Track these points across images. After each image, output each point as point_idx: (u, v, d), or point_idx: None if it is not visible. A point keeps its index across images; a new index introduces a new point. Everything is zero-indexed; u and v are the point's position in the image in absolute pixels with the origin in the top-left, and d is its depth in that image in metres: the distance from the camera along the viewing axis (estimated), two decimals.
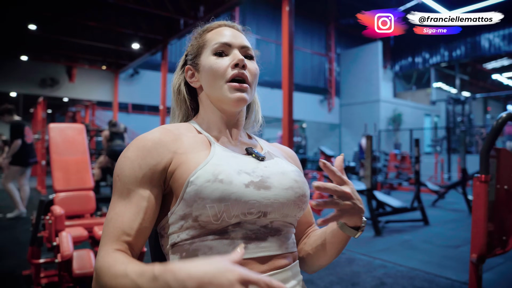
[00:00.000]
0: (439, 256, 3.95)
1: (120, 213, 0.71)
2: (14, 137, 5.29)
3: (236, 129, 0.87)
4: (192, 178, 0.70)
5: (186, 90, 0.90)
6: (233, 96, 0.80)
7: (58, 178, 2.91)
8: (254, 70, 0.84)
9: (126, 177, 0.73)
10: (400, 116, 16.76)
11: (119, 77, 13.04)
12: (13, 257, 3.63)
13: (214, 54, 0.83)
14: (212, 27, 0.88)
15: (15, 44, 10.79)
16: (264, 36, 15.98)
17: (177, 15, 8.54)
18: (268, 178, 0.77)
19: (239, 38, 0.86)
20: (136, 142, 0.76)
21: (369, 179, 4.97)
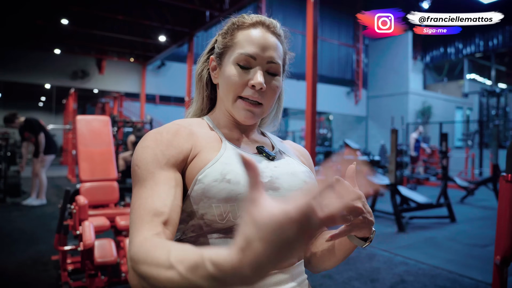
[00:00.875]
0: (464, 255, 3.84)
1: (148, 196, 0.66)
2: (36, 132, 5.58)
3: (248, 130, 0.86)
4: (200, 176, 0.70)
5: (207, 79, 0.88)
6: (241, 114, 0.79)
7: (84, 169, 3.01)
8: (274, 90, 0.81)
9: (149, 163, 0.70)
10: (430, 108, 16.24)
11: (147, 69, 13.28)
12: (44, 243, 3.82)
13: (236, 64, 0.78)
14: (246, 24, 0.81)
15: (49, 38, 11.18)
16: (290, 27, 15.72)
17: (203, 8, 8.58)
18: (277, 179, 0.76)
19: (268, 49, 0.79)
20: (153, 134, 0.75)
21: (393, 174, 4.87)
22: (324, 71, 16.66)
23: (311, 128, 5.21)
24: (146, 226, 0.62)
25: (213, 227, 0.71)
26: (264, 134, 0.93)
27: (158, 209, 0.64)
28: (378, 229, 4.86)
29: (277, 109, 0.94)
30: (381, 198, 7.10)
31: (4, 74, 11.57)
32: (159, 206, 0.65)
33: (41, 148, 5.64)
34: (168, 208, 0.65)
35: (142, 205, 0.65)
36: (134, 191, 0.70)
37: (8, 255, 3.45)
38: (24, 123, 5.67)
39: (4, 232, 4.28)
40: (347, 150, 9.50)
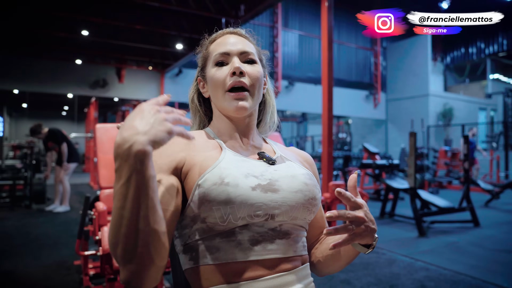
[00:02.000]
0: (488, 260, 3.73)
1: None
2: (59, 142, 5.79)
3: (247, 133, 0.89)
4: (200, 181, 0.73)
5: (200, 100, 0.94)
6: (232, 105, 0.82)
7: (103, 176, 3.09)
8: (255, 73, 0.85)
9: None
10: (451, 110, 15.88)
11: (165, 76, 13.52)
12: (68, 248, 3.92)
13: (215, 65, 0.86)
14: (216, 37, 0.91)
15: (71, 49, 11.54)
16: (307, 32, 15.81)
17: (219, 15, 8.68)
18: (276, 181, 0.78)
19: (238, 44, 0.86)
20: None
21: (412, 178, 4.78)
22: (342, 75, 16.56)
23: (327, 132, 5.18)
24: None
25: (216, 230, 0.74)
26: (266, 142, 0.95)
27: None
28: (398, 234, 4.79)
29: (271, 109, 0.96)
30: (401, 202, 6.97)
31: (29, 85, 12.00)
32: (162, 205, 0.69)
33: (64, 157, 5.82)
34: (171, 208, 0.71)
35: None
36: None
37: (34, 259, 3.57)
38: (47, 133, 5.87)
39: (31, 237, 4.42)
40: (366, 154, 9.38)
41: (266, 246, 0.75)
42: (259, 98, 0.87)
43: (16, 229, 4.85)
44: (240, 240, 0.74)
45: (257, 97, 0.86)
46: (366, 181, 10.48)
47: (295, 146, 20.14)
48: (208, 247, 0.74)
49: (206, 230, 0.74)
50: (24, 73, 11.58)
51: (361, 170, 8.63)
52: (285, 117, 21.41)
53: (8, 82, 11.74)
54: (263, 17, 14.34)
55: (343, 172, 9.62)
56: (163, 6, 8.34)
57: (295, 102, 15.10)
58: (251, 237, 0.74)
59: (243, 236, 0.74)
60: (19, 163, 6.95)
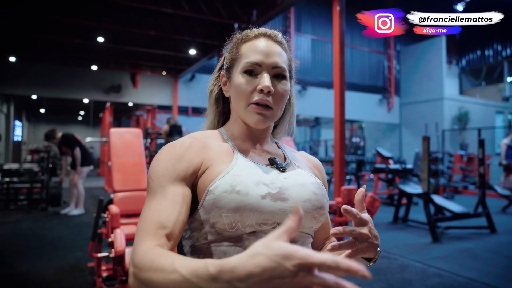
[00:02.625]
0: (504, 267, 3.65)
1: (156, 208, 0.71)
2: (72, 147, 5.93)
3: (261, 139, 0.89)
4: (212, 187, 0.74)
5: (218, 95, 0.93)
6: (253, 118, 0.82)
7: (117, 179, 3.15)
8: (282, 92, 0.84)
9: (160, 176, 0.75)
10: (467, 114, 15.60)
11: (178, 81, 13.66)
12: (82, 250, 3.99)
13: (244, 72, 0.83)
14: (249, 37, 0.86)
15: (87, 55, 11.79)
16: (320, 36, 15.79)
17: (231, 20, 8.76)
18: (286, 190, 0.79)
19: (272, 56, 0.83)
20: (168, 147, 0.81)
21: (425, 182, 4.72)
22: (355, 79, 16.46)
23: (339, 136, 5.17)
24: (150, 237, 0.67)
25: (224, 236, 0.75)
26: (278, 146, 0.95)
27: (162, 223, 0.69)
28: (411, 239, 4.73)
29: (290, 116, 0.97)
30: (415, 208, 6.88)
31: (47, 91, 12.29)
32: (164, 221, 0.69)
33: (77, 161, 5.95)
34: (172, 223, 0.70)
35: (149, 216, 0.71)
36: (146, 200, 0.76)
37: (49, 261, 3.64)
38: (61, 138, 6.01)
39: (46, 239, 4.51)
40: (379, 158, 9.30)
41: None
42: (280, 114, 0.87)
43: (32, 231, 4.96)
44: (247, 246, 0.74)
45: (279, 114, 0.86)
46: (380, 186, 10.37)
47: (308, 150, 20.00)
48: (215, 251, 0.76)
49: (215, 234, 0.75)
50: (42, 79, 11.88)
51: (374, 174, 8.55)
52: (298, 121, 21.26)
53: (27, 88, 12.06)
54: (276, 22, 14.37)
55: (356, 177, 9.54)
56: (176, 12, 8.47)
57: (308, 106, 15.07)
58: None
59: (250, 242, 0.74)
60: (37, 166, 7.11)
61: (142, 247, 0.66)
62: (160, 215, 0.70)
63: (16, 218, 5.84)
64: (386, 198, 8.22)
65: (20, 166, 7.05)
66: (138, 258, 0.64)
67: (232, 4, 8.60)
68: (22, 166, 7.08)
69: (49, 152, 7.34)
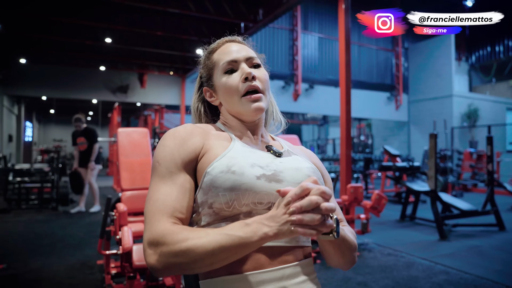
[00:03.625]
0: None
1: (167, 193, 0.76)
2: (94, 141, 6.02)
3: (257, 131, 0.94)
4: (209, 169, 0.79)
5: (205, 108, 1.00)
6: (250, 108, 0.87)
7: (125, 178, 3.20)
8: (263, 76, 0.91)
9: (167, 161, 0.80)
10: (476, 111, 15.41)
11: (186, 81, 13.74)
12: (91, 248, 4.06)
13: (224, 73, 0.90)
14: (216, 47, 0.95)
15: (95, 56, 11.92)
16: (326, 34, 15.73)
17: (238, 20, 8.78)
18: (281, 172, 0.82)
19: (243, 51, 0.92)
20: (171, 132, 0.86)
21: (432, 180, 4.70)
22: (363, 77, 16.37)
23: (346, 134, 5.16)
24: (168, 219, 0.73)
25: (221, 215, 0.78)
26: (274, 139, 1.00)
27: (177, 208, 0.75)
28: (418, 237, 4.71)
29: (273, 107, 1.02)
30: (423, 205, 6.84)
31: (56, 91, 12.46)
32: (179, 207, 0.76)
33: (93, 156, 6.05)
34: (185, 209, 0.77)
35: (162, 200, 0.76)
36: (153, 183, 0.80)
37: (59, 258, 3.71)
38: (85, 129, 6.09)
39: (57, 238, 4.60)
40: (387, 156, 9.25)
41: None
42: (269, 99, 0.94)
43: (43, 229, 5.05)
44: None
45: (268, 97, 0.93)
46: (388, 184, 10.33)
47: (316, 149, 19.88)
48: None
49: (213, 215, 0.79)
50: (52, 81, 12.04)
51: (382, 172, 8.51)
52: (306, 120, 21.32)
53: (37, 89, 12.23)
54: (282, 20, 14.37)
55: (364, 175, 9.52)
56: (183, 12, 8.52)
57: (315, 104, 15.04)
58: None
59: None
60: (47, 166, 7.23)
61: (161, 226, 0.71)
62: (173, 200, 0.76)
63: (28, 217, 5.94)
64: (393, 196, 8.18)
65: (31, 166, 7.18)
66: (162, 235, 0.70)
67: (238, 3, 8.62)
68: (33, 166, 7.20)
69: (59, 152, 7.46)
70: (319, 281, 0.86)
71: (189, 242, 0.67)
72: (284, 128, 1.04)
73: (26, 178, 6.67)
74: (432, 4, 15.00)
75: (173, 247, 0.67)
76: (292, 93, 14.32)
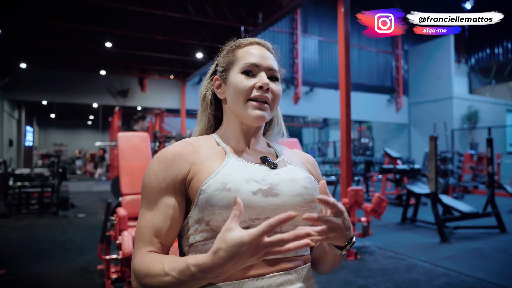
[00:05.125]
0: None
1: (150, 220, 0.80)
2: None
3: (254, 138, 0.93)
4: (204, 187, 0.78)
5: (211, 98, 0.97)
6: (253, 113, 0.86)
7: (125, 182, 3.20)
8: (277, 92, 0.89)
9: (153, 188, 0.82)
10: (477, 113, 15.41)
11: (186, 85, 13.76)
12: (91, 253, 4.06)
13: (242, 73, 0.88)
14: (244, 44, 0.93)
15: (95, 60, 11.96)
16: (326, 37, 15.77)
17: (237, 23, 8.81)
18: (277, 186, 0.82)
19: (267, 59, 0.90)
20: (159, 155, 0.86)
21: (433, 182, 4.70)
22: (363, 79, 16.39)
23: (346, 137, 5.16)
24: (146, 245, 0.79)
25: (218, 232, 0.78)
26: (269, 145, 0.99)
27: (156, 234, 0.80)
28: (418, 240, 4.70)
29: (278, 118, 1.01)
30: (424, 208, 6.83)
31: (57, 96, 12.49)
32: (157, 233, 0.80)
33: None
34: (163, 235, 0.81)
35: (145, 227, 0.81)
36: (141, 209, 0.84)
37: (59, 263, 3.71)
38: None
39: (57, 242, 4.60)
40: (387, 159, 9.25)
41: None
42: (274, 112, 0.92)
43: (43, 234, 5.05)
44: None
45: (274, 112, 0.91)
46: (389, 187, 10.32)
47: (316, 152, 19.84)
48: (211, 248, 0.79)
49: (210, 232, 0.79)
50: (52, 85, 12.08)
51: (382, 175, 8.51)
52: (306, 123, 21.33)
53: (37, 93, 12.27)
54: (282, 24, 14.40)
55: (365, 178, 9.51)
56: (183, 16, 8.56)
57: (316, 107, 15.04)
58: None
59: None
60: (47, 171, 7.23)
61: (137, 255, 0.78)
62: (153, 227, 0.80)
63: (28, 222, 5.94)
64: (394, 198, 8.17)
65: (32, 171, 7.18)
66: (135, 267, 0.77)
67: (238, 7, 8.65)
68: (33, 171, 7.21)
69: (59, 157, 7.46)
70: (320, 285, 0.87)
71: (151, 280, 0.72)
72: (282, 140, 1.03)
73: (27, 182, 6.67)
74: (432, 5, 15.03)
75: (142, 281, 0.74)
76: (292, 96, 14.33)
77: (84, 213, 6.67)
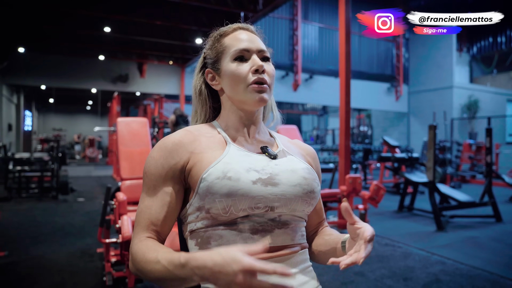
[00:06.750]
0: (509, 256, 3.67)
1: (148, 206, 0.82)
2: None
3: (254, 126, 0.93)
4: (205, 175, 0.79)
5: (207, 92, 0.97)
6: (254, 97, 0.87)
7: (124, 168, 3.21)
8: (271, 71, 0.90)
9: (152, 175, 0.84)
10: (477, 102, 15.38)
11: (185, 71, 13.68)
12: (91, 237, 4.10)
13: (234, 60, 0.89)
14: (228, 31, 0.93)
15: (94, 46, 11.84)
16: (327, 24, 15.61)
17: (237, 9, 8.71)
18: (276, 176, 0.83)
19: (255, 42, 0.91)
20: (160, 143, 0.86)
21: (431, 171, 4.72)
22: (363, 67, 16.29)
23: (345, 125, 5.17)
24: (144, 230, 0.82)
25: (219, 220, 0.80)
26: (271, 135, 0.99)
27: (153, 221, 0.82)
28: (415, 228, 4.76)
29: (272, 105, 1.02)
30: (421, 196, 6.88)
31: (56, 81, 12.42)
32: (154, 219, 0.82)
33: None
34: (160, 222, 0.82)
35: (143, 212, 0.83)
36: (142, 194, 0.86)
37: (60, 246, 3.75)
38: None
39: (57, 226, 4.64)
40: (386, 147, 9.27)
41: (266, 235, 0.80)
42: (272, 93, 0.93)
43: (44, 218, 5.09)
44: (241, 229, 0.79)
45: (272, 91, 0.92)
46: (387, 175, 10.37)
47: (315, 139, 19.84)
48: (212, 234, 0.81)
49: (210, 219, 0.80)
50: (51, 70, 12.00)
51: (380, 163, 8.54)
52: (306, 110, 21.29)
53: (36, 78, 12.19)
54: (283, 10, 14.24)
55: (363, 166, 9.55)
56: (183, 1, 8.45)
57: (315, 95, 14.99)
58: (251, 226, 0.80)
59: (244, 226, 0.79)
60: (47, 155, 7.25)
61: (136, 239, 0.81)
62: (151, 213, 0.82)
63: (28, 206, 5.98)
64: (392, 186, 8.22)
65: (31, 155, 7.19)
66: (133, 251, 0.79)
67: None
68: (32, 155, 7.22)
69: (59, 142, 7.47)
70: (317, 271, 0.89)
71: (145, 266, 0.75)
72: (280, 124, 1.04)
73: (26, 167, 6.69)
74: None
75: (137, 265, 0.77)
76: (292, 83, 14.27)
77: (84, 198, 6.71)
